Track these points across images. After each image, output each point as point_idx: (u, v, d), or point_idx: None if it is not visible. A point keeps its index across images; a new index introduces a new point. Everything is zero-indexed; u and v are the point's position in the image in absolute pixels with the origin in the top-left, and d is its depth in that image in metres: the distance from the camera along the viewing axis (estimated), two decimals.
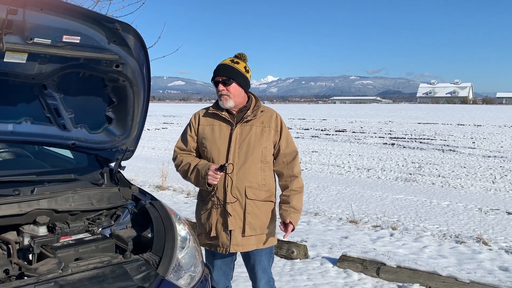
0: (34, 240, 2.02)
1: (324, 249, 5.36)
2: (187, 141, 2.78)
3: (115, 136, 2.45)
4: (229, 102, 2.67)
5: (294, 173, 2.76)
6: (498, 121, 33.31)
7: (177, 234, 2.17)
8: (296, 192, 2.76)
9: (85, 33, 1.89)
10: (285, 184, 2.78)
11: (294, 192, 2.75)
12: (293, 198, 2.74)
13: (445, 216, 8.10)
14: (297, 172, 2.78)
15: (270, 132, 2.71)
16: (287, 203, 2.74)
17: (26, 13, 1.70)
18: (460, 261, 5.34)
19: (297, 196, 2.76)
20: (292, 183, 2.76)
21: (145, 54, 2.12)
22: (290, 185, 2.76)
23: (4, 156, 2.95)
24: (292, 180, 2.76)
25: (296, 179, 2.77)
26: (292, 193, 2.75)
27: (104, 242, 2.13)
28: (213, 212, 2.68)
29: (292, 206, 2.73)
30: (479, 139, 21.22)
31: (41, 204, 2.17)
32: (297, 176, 2.77)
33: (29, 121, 2.21)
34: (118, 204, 2.46)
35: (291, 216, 2.71)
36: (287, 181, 2.77)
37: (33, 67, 1.93)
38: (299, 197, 2.77)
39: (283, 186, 2.80)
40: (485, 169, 13.15)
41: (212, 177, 2.57)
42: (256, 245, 2.71)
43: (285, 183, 2.78)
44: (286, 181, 2.77)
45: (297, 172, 2.78)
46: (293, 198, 2.74)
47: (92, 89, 2.25)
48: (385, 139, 21.85)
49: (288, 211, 2.71)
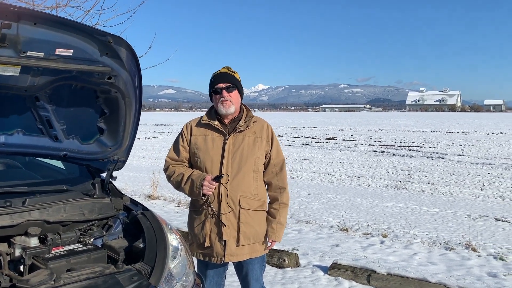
0: (25, 252, 2.02)
1: (315, 257, 5.38)
2: (179, 151, 2.79)
3: (106, 147, 2.46)
4: (231, 108, 2.70)
5: (283, 185, 2.82)
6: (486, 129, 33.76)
7: (169, 244, 2.19)
8: (285, 206, 2.83)
9: (77, 46, 1.92)
10: (275, 195, 2.83)
11: (283, 205, 2.82)
12: (282, 212, 2.81)
13: (435, 223, 8.17)
14: (286, 183, 2.85)
15: (262, 142, 2.75)
16: (274, 217, 2.80)
17: (20, 27, 1.72)
18: (450, 267, 5.40)
19: (285, 210, 2.83)
20: (282, 195, 2.82)
21: (137, 66, 2.15)
22: (280, 197, 2.81)
23: None
24: (282, 193, 2.82)
25: (285, 191, 2.83)
26: (281, 206, 2.81)
27: (96, 253, 2.13)
28: (206, 222, 2.69)
29: (279, 221, 2.80)
30: (468, 146, 21.48)
31: (33, 215, 2.17)
32: (285, 188, 2.84)
33: (21, 132, 2.22)
34: (109, 214, 2.46)
35: (277, 234, 2.80)
36: (277, 192, 2.82)
37: (26, 79, 1.95)
38: (286, 211, 2.85)
39: (272, 197, 2.84)
40: (474, 176, 13.30)
41: (207, 187, 2.58)
42: (250, 254, 2.74)
43: (275, 194, 2.82)
44: (276, 192, 2.82)
45: (286, 184, 2.84)
46: (282, 213, 2.81)
47: (84, 100, 2.27)
48: (375, 146, 22.01)
49: (275, 229, 2.79)
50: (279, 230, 2.79)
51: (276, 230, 2.78)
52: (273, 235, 2.78)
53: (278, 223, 2.79)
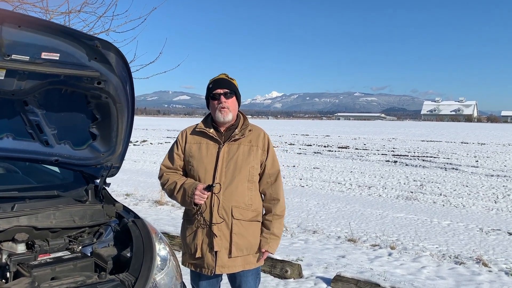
0: (10, 258, 1.99)
1: (319, 268, 5.27)
2: (174, 159, 2.74)
3: (99, 153, 2.42)
4: (229, 115, 2.64)
5: (278, 196, 2.74)
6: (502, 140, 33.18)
7: (155, 254, 2.13)
8: (279, 217, 2.74)
9: (64, 50, 1.88)
10: (269, 206, 2.75)
11: (276, 217, 2.73)
12: (275, 223, 2.73)
13: (445, 235, 7.98)
14: (281, 194, 2.76)
15: (258, 151, 2.68)
16: (268, 229, 2.72)
17: (3, 29, 1.70)
18: (458, 282, 5.24)
19: (279, 221, 2.74)
20: (275, 206, 2.73)
21: (127, 72, 2.11)
22: (274, 208, 2.73)
23: None
24: (276, 204, 2.73)
25: (279, 202, 2.74)
26: (275, 217, 2.73)
27: (82, 261, 2.08)
28: (198, 232, 2.62)
29: (273, 233, 2.72)
30: (483, 158, 21.09)
31: (21, 221, 2.14)
32: (279, 199, 2.75)
33: (10, 136, 2.20)
34: (101, 221, 2.42)
35: (270, 244, 2.71)
36: (271, 204, 2.74)
37: (12, 83, 1.92)
38: (280, 222, 2.76)
39: (267, 208, 2.77)
40: (488, 189, 13.02)
41: (199, 196, 2.52)
42: (243, 266, 2.66)
43: (269, 205, 2.75)
44: (270, 203, 2.74)
45: (281, 195, 2.76)
46: (275, 224, 2.73)
47: (75, 105, 2.24)
48: (387, 156, 21.76)
49: (268, 239, 2.71)
50: (272, 241, 2.70)
51: (269, 240, 2.69)
52: (265, 245, 2.69)
53: (272, 234, 2.70)
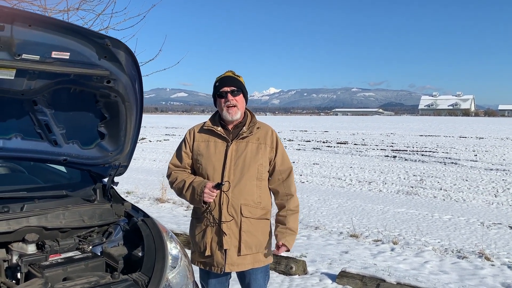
0: (21, 259, 1.98)
1: (323, 264, 5.29)
2: (182, 157, 2.73)
3: (107, 152, 2.41)
4: (237, 114, 2.63)
5: (290, 192, 2.72)
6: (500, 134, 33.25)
7: (167, 253, 2.12)
8: (293, 212, 2.72)
9: (74, 49, 1.87)
10: (282, 203, 2.73)
11: (291, 212, 2.71)
12: (290, 218, 2.70)
13: (447, 230, 8.01)
14: (294, 190, 2.75)
15: (266, 148, 2.67)
16: (283, 224, 2.70)
17: (14, 29, 1.68)
18: (462, 277, 5.26)
19: (293, 216, 2.72)
20: (289, 202, 2.71)
21: (137, 70, 2.10)
22: (287, 204, 2.71)
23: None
24: (289, 199, 2.72)
25: (293, 197, 2.73)
26: (289, 213, 2.71)
27: (94, 261, 2.08)
28: (207, 231, 2.61)
29: (289, 227, 2.69)
30: (481, 152, 21.14)
31: (31, 221, 2.12)
32: (293, 194, 2.73)
33: (19, 136, 2.18)
34: (110, 221, 2.41)
35: (286, 239, 2.68)
36: (284, 200, 2.72)
37: (21, 83, 1.91)
38: (295, 217, 2.73)
39: (280, 205, 2.75)
40: (487, 182, 13.05)
41: (208, 195, 2.51)
42: (252, 264, 2.65)
43: (282, 202, 2.73)
44: (283, 199, 2.72)
45: (293, 191, 2.74)
46: (290, 219, 2.70)
47: (83, 104, 2.22)
48: (386, 151, 21.79)
49: (285, 233, 2.68)
50: (288, 236, 2.67)
51: (285, 234, 2.66)
52: (282, 239, 2.65)
53: (287, 229, 2.67)
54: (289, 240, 2.69)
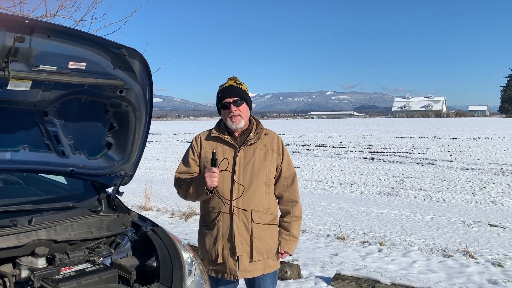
0: (34, 273, 1.93)
1: (316, 267, 5.33)
2: (190, 164, 2.71)
3: (114, 162, 2.38)
4: (241, 122, 2.63)
5: (295, 198, 2.76)
6: (472, 134, 34.15)
7: (184, 262, 2.11)
8: (297, 219, 2.77)
9: (91, 59, 1.84)
10: (287, 209, 2.76)
11: (295, 219, 2.76)
12: (294, 225, 2.76)
13: (430, 230, 8.18)
14: (298, 196, 2.79)
15: (273, 155, 2.69)
16: (287, 231, 2.75)
17: (33, 40, 1.65)
18: (450, 275, 5.38)
19: (297, 223, 2.78)
20: (294, 208, 2.76)
21: (148, 78, 2.08)
22: (292, 210, 2.75)
23: None
24: (294, 206, 2.76)
25: (297, 204, 2.77)
26: (294, 219, 2.76)
27: (106, 273, 2.04)
28: (219, 238, 2.61)
29: (292, 234, 2.75)
30: (456, 152, 21.67)
31: (40, 234, 2.08)
32: (297, 201, 2.78)
33: (27, 148, 2.14)
34: (117, 231, 2.38)
35: (290, 246, 2.74)
36: (289, 206, 2.76)
37: (36, 94, 1.87)
38: (298, 224, 2.79)
39: (284, 211, 2.78)
40: (465, 182, 13.40)
41: (210, 176, 2.48)
42: (263, 270, 2.67)
43: (286, 208, 2.76)
44: (287, 205, 2.76)
45: (297, 197, 2.78)
46: (294, 226, 2.76)
47: (93, 114, 2.19)
48: (364, 153, 22.10)
49: (288, 240, 2.74)
50: (291, 243, 2.73)
51: (288, 241, 2.72)
52: (286, 246, 2.72)
53: (291, 236, 2.73)
54: (292, 247, 2.76)
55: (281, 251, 2.73)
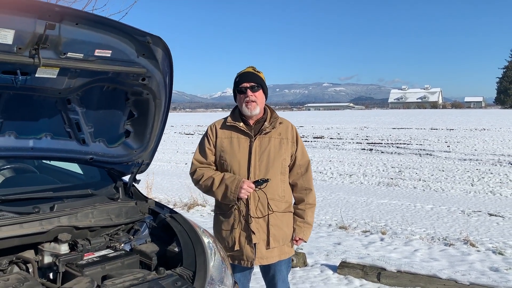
0: (59, 259, 1.96)
1: (321, 256, 5.39)
2: (206, 154, 2.73)
3: (132, 150, 2.41)
4: (256, 109, 2.64)
5: (309, 186, 2.80)
6: (469, 125, 34.26)
7: (206, 247, 2.15)
8: (311, 206, 2.81)
9: (116, 46, 1.86)
10: (301, 196, 2.80)
11: (309, 206, 2.80)
12: (308, 212, 2.79)
13: (430, 219, 8.28)
14: (312, 184, 2.82)
15: (288, 143, 2.72)
16: (302, 218, 2.78)
17: (62, 27, 1.67)
18: (452, 263, 5.46)
19: (311, 210, 2.81)
20: (308, 196, 2.79)
21: (170, 66, 2.10)
22: (306, 198, 2.79)
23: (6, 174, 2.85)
24: (308, 193, 2.79)
25: (311, 192, 2.81)
26: (308, 207, 2.79)
27: (129, 258, 2.08)
28: (235, 226, 2.64)
29: (307, 221, 2.79)
30: (453, 143, 21.80)
31: (62, 221, 2.10)
32: (311, 188, 2.81)
33: (49, 136, 2.15)
34: (136, 218, 2.41)
35: (304, 232, 2.78)
36: (303, 193, 2.79)
37: (62, 81, 1.89)
38: (313, 211, 2.83)
39: (298, 198, 2.82)
40: (463, 172, 13.52)
41: (246, 191, 2.53)
42: (279, 257, 2.71)
43: (300, 195, 2.80)
44: (301, 193, 2.79)
45: (311, 185, 2.82)
46: (308, 213, 2.79)
47: (113, 102, 2.21)
48: (362, 144, 22.19)
49: (303, 227, 2.78)
50: (306, 230, 2.77)
51: (303, 228, 2.76)
52: (300, 233, 2.76)
53: (306, 223, 2.77)
54: (307, 234, 2.80)
55: (296, 238, 2.78)
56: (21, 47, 1.63)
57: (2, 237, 1.91)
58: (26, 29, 1.59)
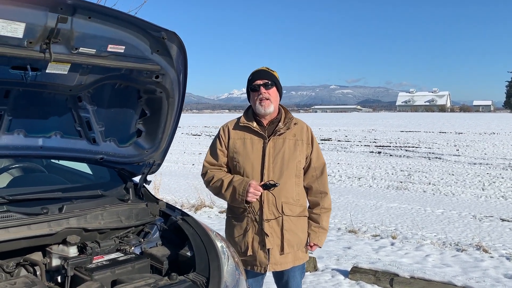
0: (67, 262, 1.89)
1: (331, 260, 5.30)
2: (218, 155, 2.65)
3: (143, 150, 2.34)
4: (270, 107, 2.56)
5: (324, 189, 2.71)
6: (478, 129, 34.01)
7: (220, 252, 2.07)
8: (327, 210, 2.73)
9: (130, 42, 1.79)
10: (316, 200, 2.71)
11: (324, 210, 2.71)
12: (323, 217, 2.71)
13: (441, 224, 8.14)
14: (327, 188, 2.74)
15: (303, 145, 2.63)
16: (317, 223, 2.70)
17: (74, 21, 1.60)
18: (465, 269, 5.34)
19: (327, 215, 2.73)
20: (323, 200, 2.71)
21: (184, 63, 2.03)
22: (322, 202, 2.70)
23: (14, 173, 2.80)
24: (323, 197, 2.71)
25: (326, 195, 2.72)
26: (323, 211, 2.71)
27: (139, 262, 2.00)
28: (248, 230, 2.56)
29: (322, 226, 2.71)
30: (463, 147, 21.57)
31: (71, 222, 2.04)
32: (327, 192, 2.73)
33: (58, 135, 2.09)
34: (146, 220, 2.34)
35: (319, 238, 2.71)
36: (318, 197, 2.71)
37: (73, 78, 1.82)
38: (328, 216, 2.75)
39: (313, 202, 2.73)
40: (473, 176, 13.33)
41: (253, 194, 2.45)
42: (293, 263, 2.63)
43: (315, 199, 2.71)
44: (317, 197, 2.71)
45: (327, 188, 2.73)
46: (323, 218, 2.71)
47: (125, 100, 2.14)
48: (370, 147, 22.03)
49: (317, 232, 2.70)
50: (321, 235, 2.69)
51: (318, 233, 2.69)
52: (315, 238, 2.68)
53: (321, 228, 2.69)
54: (322, 239, 2.72)
55: (311, 243, 2.70)
56: (32, 41, 1.57)
57: (10, 239, 1.84)
58: (37, 22, 1.53)
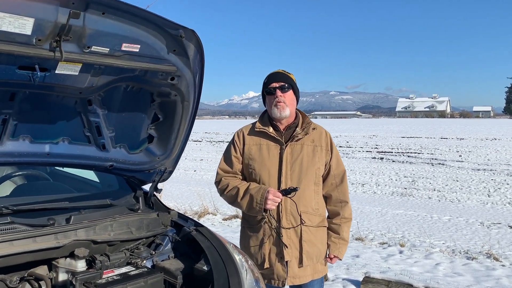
0: (76, 277, 1.76)
1: (340, 269, 5.15)
2: (232, 162, 2.51)
3: (155, 156, 2.20)
4: (286, 110, 2.43)
5: (345, 198, 2.57)
6: (479, 135, 33.88)
7: (239, 266, 1.93)
8: (347, 220, 2.58)
9: (145, 41, 1.66)
10: (335, 210, 2.57)
11: (345, 220, 2.57)
12: (344, 227, 2.57)
13: (449, 231, 8.01)
14: (348, 196, 2.59)
15: (322, 151, 2.50)
16: (337, 233, 2.56)
17: (87, 17, 1.47)
18: (477, 278, 5.20)
19: (347, 225, 2.59)
20: (343, 209, 2.56)
21: (201, 64, 1.89)
22: (342, 212, 2.56)
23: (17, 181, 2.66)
24: (343, 206, 2.56)
25: (347, 205, 2.58)
26: (343, 221, 2.57)
27: (152, 277, 1.86)
28: (265, 241, 2.42)
29: (342, 237, 2.57)
30: (465, 153, 21.43)
31: (79, 234, 1.90)
32: (347, 201, 2.58)
33: (66, 141, 1.95)
34: (157, 231, 2.20)
35: (340, 250, 2.56)
36: (337, 206, 2.56)
37: (84, 79, 1.69)
38: (348, 226, 2.60)
39: (333, 212, 2.59)
40: (478, 183, 13.20)
41: (272, 201, 2.30)
42: (312, 276, 2.49)
43: (335, 208, 2.57)
44: (336, 206, 2.57)
45: (347, 197, 2.59)
46: (344, 228, 2.57)
47: (137, 104, 2.01)
48: (373, 153, 21.89)
49: (338, 244, 2.56)
50: (342, 246, 2.55)
51: (338, 245, 2.54)
52: (335, 250, 2.54)
53: (341, 239, 2.55)
54: (342, 251, 2.58)
55: (331, 255, 2.55)
56: (41, 39, 1.44)
57: (14, 253, 1.71)
58: (47, 18, 1.40)
